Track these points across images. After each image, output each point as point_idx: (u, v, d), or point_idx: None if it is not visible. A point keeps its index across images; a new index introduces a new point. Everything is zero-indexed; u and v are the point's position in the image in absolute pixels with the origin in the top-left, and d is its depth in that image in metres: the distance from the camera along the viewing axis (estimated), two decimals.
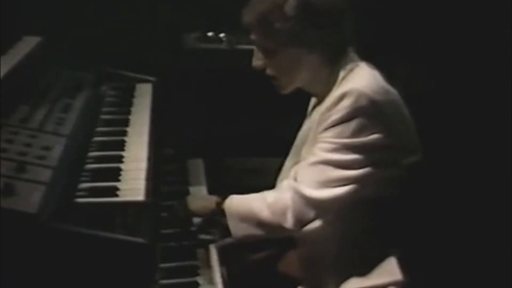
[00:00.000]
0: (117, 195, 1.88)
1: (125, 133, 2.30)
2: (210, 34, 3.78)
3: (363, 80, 1.99)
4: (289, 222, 1.98)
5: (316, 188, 1.96)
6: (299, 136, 2.22)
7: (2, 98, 1.97)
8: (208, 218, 2.15)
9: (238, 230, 2.05)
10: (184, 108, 3.51)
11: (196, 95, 3.62)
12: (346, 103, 1.93)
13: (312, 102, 2.22)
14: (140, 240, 1.66)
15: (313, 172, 1.98)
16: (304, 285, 2.17)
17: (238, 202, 2.08)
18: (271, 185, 2.18)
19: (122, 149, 2.18)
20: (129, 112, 2.49)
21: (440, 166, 2.71)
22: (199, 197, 2.35)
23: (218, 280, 1.97)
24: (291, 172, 2.11)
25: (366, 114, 1.93)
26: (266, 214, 2.01)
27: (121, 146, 2.20)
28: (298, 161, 2.12)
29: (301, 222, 1.99)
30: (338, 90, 1.98)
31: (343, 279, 2.07)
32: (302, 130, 2.21)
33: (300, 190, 1.97)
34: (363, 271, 2.05)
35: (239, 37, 3.59)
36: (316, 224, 2.04)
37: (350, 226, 2.05)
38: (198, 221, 2.19)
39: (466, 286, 2.86)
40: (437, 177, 2.33)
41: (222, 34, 3.77)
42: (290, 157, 2.24)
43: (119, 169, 2.04)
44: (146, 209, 1.87)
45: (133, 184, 1.96)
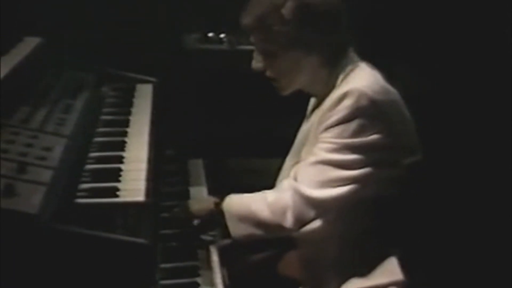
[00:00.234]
0: (117, 196, 1.88)
1: (125, 133, 2.30)
2: (210, 34, 3.79)
3: (364, 80, 1.99)
4: (289, 222, 1.98)
5: (316, 188, 1.96)
6: (299, 136, 2.22)
7: (2, 98, 1.97)
8: (207, 219, 2.15)
9: (238, 230, 2.05)
10: (184, 108, 3.51)
11: (196, 96, 3.62)
12: (347, 103, 1.93)
13: (312, 102, 2.22)
14: (140, 240, 1.66)
15: (313, 172, 1.98)
16: (304, 285, 2.17)
17: (237, 202, 2.08)
18: (271, 185, 2.17)
19: (122, 149, 2.18)
20: (129, 112, 2.49)
21: (440, 166, 2.71)
22: (198, 199, 2.35)
23: (218, 280, 1.97)
24: (291, 172, 2.11)
25: (366, 114, 1.93)
26: (266, 214, 2.01)
27: (121, 146, 2.20)
28: (298, 161, 2.12)
29: (301, 222, 1.99)
30: (339, 91, 1.98)
31: (344, 280, 2.07)
32: (302, 130, 2.21)
33: (300, 190, 1.97)
34: (364, 271, 2.05)
35: (240, 37, 3.59)
36: (316, 224, 2.04)
37: (351, 226, 2.05)
38: (197, 222, 2.19)
39: (466, 286, 2.86)
40: (437, 177, 2.33)
41: (222, 35, 3.78)
42: (290, 157, 2.24)
43: (120, 169, 2.04)
44: (147, 209, 1.87)
45: (133, 184, 1.95)
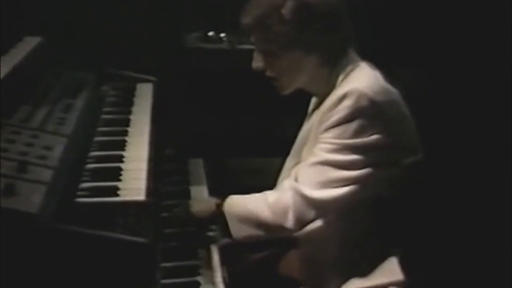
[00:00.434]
0: (117, 195, 1.88)
1: (125, 133, 2.31)
2: (210, 34, 3.79)
3: (364, 80, 1.99)
4: (289, 222, 1.98)
5: (316, 188, 1.96)
6: (300, 136, 2.22)
7: (3, 98, 1.97)
8: (208, 220, 2.15)
9: (239, 231, 2.05)
10: (184, 108, 3.51)
11: (196, 95, 3.61)
12: (347, 104, 1.93)
13: (312, 102, 2.22)
14: (141, 239, 1.66)
15: (313, 172, 1.98)
16: (305, 285, 2.17)
17: (238, 203, 2.08)
18: (272, 185, 2.17)
19: (122, 149, 2.18)
20: (129, 112, 2.50)
21: (440, 166, 2.71)
22: (199, 199, 2.35)
23: (218, 280, 1.97)
24: (292, 172, 2.11)
25: (366, 115, 1.93)
26: (267, 215, 2.01)
27: (121, 146, 2.20)
28: (298, 161, 2.12)
29: (301, 222, 1.99)
30: (339, 91, 1.98)
31: (344, 280, 2.07)
32: (303, 130, 2.21)
33: (300, 190, 1.97)
34: (364, 271, 2.05)
35: (240, 37, 3.59)
36: (317, 224, 2.05)
37: (351, 226, 2.05)
38: (198, 223, 2.19)
39: (466, 286, 2.86)
40: (437, 177, 2.33)
41: (222, 34, 3.77)
42: (290, 157, 2.24)
43: (120, 169, 2.04)
44: (147, 208, 1.87)
45: (133, 184, 1.96)
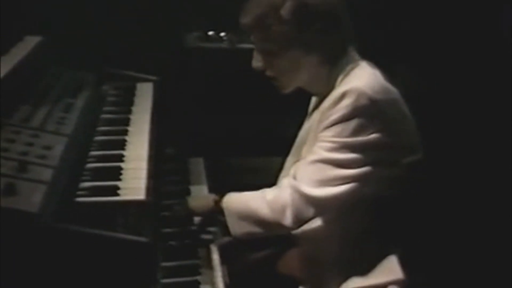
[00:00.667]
0: (118, 194, 1.89)
1: (126, 132, 2.31)
2: (211, 33, 3.79)
3: (364, 79, 1.99)
4: (288, 220, 1.98)
5: (315, 186, 1.96)
6: (300, 135, 2.22)
7: (3, 97, 1.98)
8: (207, 217, 2.15)
9: (237, 228, 2.05)
10: (185, 107, 3.51)
11: (197, 94, 3.62)
12: (346, 102, 1.93)
13: (313, 101, 2.23)
14: (141, 239, 1.66)
15: (312, 170, 1.98)
16: (305, 284, 2.17)
17: (237, 200, 2.08)
18: (272, 184, 2.17)
19: (123, 148, 2.18)
20: (130, 111, 2.50)
21: (440, 166, 2.71)
22: (198, 196, 2.35)
23: (219, 279, 1.97)
24: (291, 170, 2.11)
25: (366, 114, 1.93)
26: (265, 212, 2.00)
27: (122, 145, 2.20)
28: (298, 160, 2.12)
29: (300, 220, 1.99)
30: (339, 90, 1.97)
31: (344, 279, 2.07)
32: (303, 129, 2.21)
33: (299, 188, 1.97)
34: (364, 270, 2.05)
35: (240, 36, 3.60)
36: (316, 223, 2.05)
37: (351, 225, 2.05)
38: (198, 219, 2.19)
39: (466, 286, 2.86)
40: (437, 177, 2.33)
41: (223, 33, 3.78)
42: (291, 156, 2.24)
43: (120, 168, 2.04)
44: (147, 208, 1.88)
45: (134, 183, 1.96)
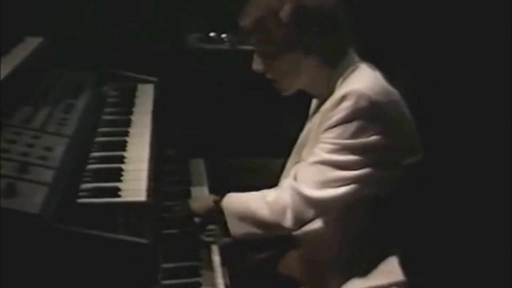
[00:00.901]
0: (119, 196, 1.89)
1: (126, 133, 2.31)
2: (212, 34, 3.80)
3: (364, 81, 1.99)
4: (288, 221, 1.98)
5: (315, 188, 1.96)
6: (301, 136, 2.22)
7: (4, 98, 1.98)
8: (207, 217, 2.15)
9: (237, 228, 2.05)
10: (185, 108, 3.51)
11: (197, 95, 3.62)
12: (347, 104, 1.93)
13: (313, 103, 2.23)
14: (142, 240, 1.66)
15: (313, 172, 1.98)
16: (305, 285, 2.17)
17: (237, 201, 2.08)
18: (272, 185, 2.17)
19: (123, 149, 2.18)
20: (131, 112, 2.50)
21: (440, 166, 2.71)
22: (198, 197, 2.35)
23: (219, 280, 1.97)
24: (292, 171, 2.11)
25: (366, 115, 1.93)
26: (266, 213, 2.00)
27: (122, 146, 2.20)
28: (299, 161, 2.12)
29: (300, 221, 1.99)
30: (339, 92, 1.98)
31: (344, 280, 2.07)
32: (304, 131, 2.21)
33: (299, 190, 1.97)
34: (364, 272, 2.05)
35: (241, 37, 3.60)
36: (317, 224, 2.05)
37: (351, 226, 2.05)
38: (198, 220, 2.19)
39: (466, 286, 2.86)
40: (437, 177, 2.33)
41: (224, 35, 3.78)
42: (291, 158, 2.24)
43: (121, 169, 2.04)
44: (148, 209, 1.88)
45: (134, 184, 1.96)
